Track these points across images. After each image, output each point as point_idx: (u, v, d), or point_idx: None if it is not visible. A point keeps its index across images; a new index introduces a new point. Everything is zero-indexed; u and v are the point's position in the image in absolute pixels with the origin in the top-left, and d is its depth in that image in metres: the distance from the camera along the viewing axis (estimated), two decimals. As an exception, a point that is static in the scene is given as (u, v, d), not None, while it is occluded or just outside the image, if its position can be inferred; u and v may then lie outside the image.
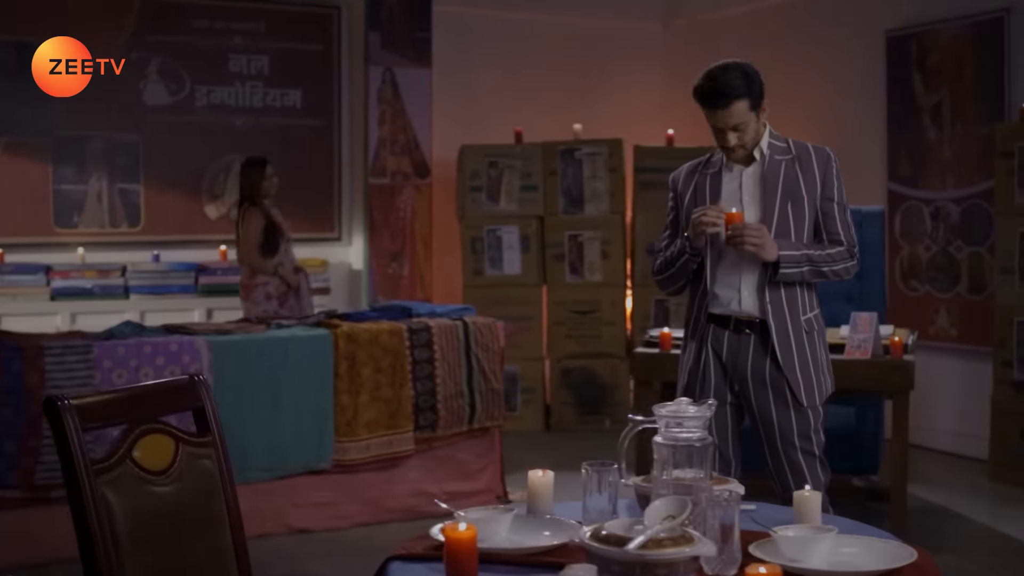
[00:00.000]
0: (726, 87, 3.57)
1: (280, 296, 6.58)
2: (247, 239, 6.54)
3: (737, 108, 3.58)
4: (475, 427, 5.73)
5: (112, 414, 2.59)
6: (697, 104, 3.68)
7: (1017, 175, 6.01)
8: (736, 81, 3.57)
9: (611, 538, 2.09)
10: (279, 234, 6.58)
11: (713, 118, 3.60)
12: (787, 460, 3.69)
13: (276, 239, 6.55)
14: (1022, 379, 6.03)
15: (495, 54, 8.43)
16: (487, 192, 7.69)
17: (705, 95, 3.60)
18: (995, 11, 6.50)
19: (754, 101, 3.61)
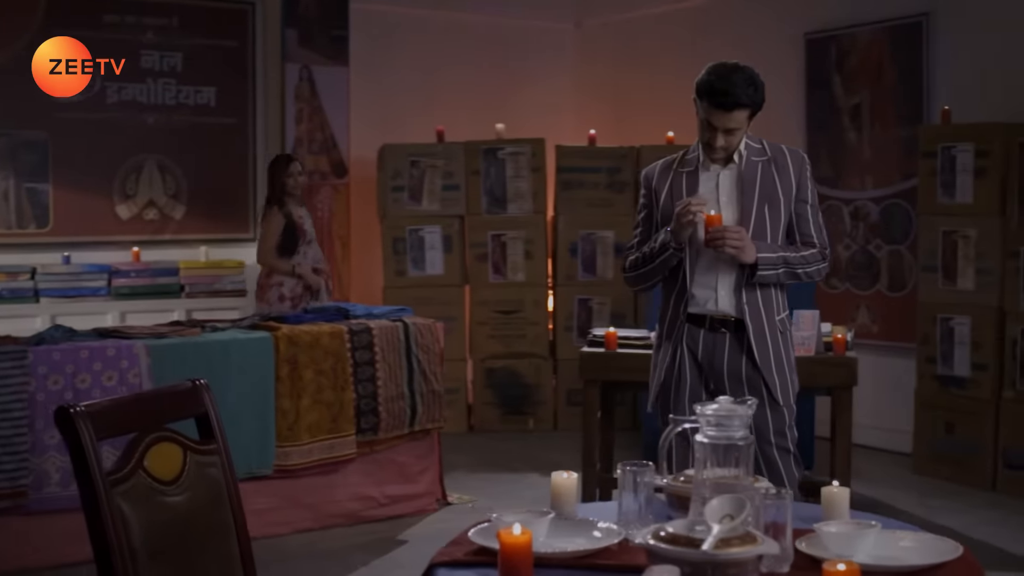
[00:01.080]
0: (738, 93, 3.58)
1: (295, 298, 6.51)
2: (264, 239, 6.56)
3: (739, 115, 3.61)
4: (416, 429, 5.66)
5: (123, 422, 2.48)
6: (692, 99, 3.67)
7: (940, 175, 6.17)
8: (748, 90, 3.59)
9: (679, 539, 2.07)
10: (299, 235, 6.54)
11: (712, 116, 3.61)
12: (763, 457, 3.71)
13: (295, 240, 6.51)
14: (946, 374, 6.19)
15: (413, 52, 8.36)
16: (409, 192, 7.61)
17: (714, 93, 3.59)
18: (914, 15, 6.67)
19: (754, 112, 3.65)
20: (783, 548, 2.18)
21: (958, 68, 6.51)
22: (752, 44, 7.69)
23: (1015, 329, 5.88)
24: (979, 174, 6.01)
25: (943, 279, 6.18)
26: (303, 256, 6.57)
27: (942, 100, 6.50)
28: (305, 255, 6.59)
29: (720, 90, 3.58)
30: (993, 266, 5.97)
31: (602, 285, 7.68)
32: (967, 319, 6.08)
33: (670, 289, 3.78)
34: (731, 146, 3.67)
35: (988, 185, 5.97)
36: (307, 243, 6.61)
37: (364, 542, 5.26)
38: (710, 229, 3.57)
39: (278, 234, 6.50)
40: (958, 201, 6.10)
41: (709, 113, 3.63)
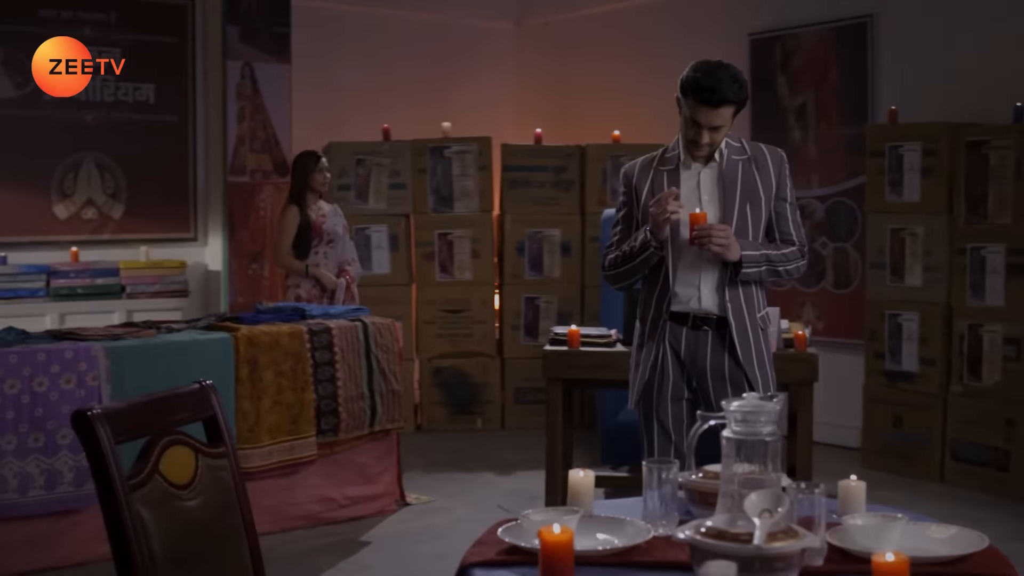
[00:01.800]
0: (724, 89, 3.58)
1: (311, 299, 6.38)
2: (279, 239, 6.46)
3: (725, 112, 3.62)
4: (376, 429, 5.61)
5: (137, 425, 2.41)
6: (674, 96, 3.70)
7: (887, 174, 6.28)
8: (733, 86, 3.60)
9: (725, 534, 2.07)
10: (314, 234, 6.41)
11: (698, 113, 3.61)
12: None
13: (309, 240, 6.38)
14: (894, 369, 6.30)
15: (357, 50, 8.29)
16: (355, 191, 7.54)
17: (701, 90, 3.58)
18: (859, 16, 6.78)
19: (738, 109, 3.67)
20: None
21: (903, 68, 6.63)
22: (696, 44, 7.74)
23: (962, 325, 6.01)
24: (926, 173, 6.13)
25: (891, 276, 6.30)
26: (322, 257, 6.43)
27: (887, 100, 6.61)
28: (325, 255, 6.45)
29: (707, 87, 3.59)
30: (940, 263, 6.09)
31: (549, 283, 7.69)
32: (915, 315, 6.20)
33: (652, 288, 3.78)
34: (716, 143, 3.69)
35: (935, 183, 6.09)
36: (327, 243, 6.46)
37: (326, 544, 5.20)
38: (695, 227, 3.58)
39: (293, 234, 6.38)
40: (906, 199, 6.22)
41: (695, 110, 3.64)
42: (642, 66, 8.07)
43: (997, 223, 5.84)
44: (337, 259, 6.49)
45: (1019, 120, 5.84)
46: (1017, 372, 5.78)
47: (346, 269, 6.53)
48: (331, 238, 6.46)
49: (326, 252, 6.44)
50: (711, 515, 2.42)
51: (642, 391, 3.80)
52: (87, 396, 4.77)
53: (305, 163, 6.46)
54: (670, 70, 7.82)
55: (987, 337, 5.89)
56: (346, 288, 6.47)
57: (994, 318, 5.86)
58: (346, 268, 6.54)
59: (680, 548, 2.30)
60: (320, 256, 6.43)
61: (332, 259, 6.47)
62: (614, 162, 7.63)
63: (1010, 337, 5.80)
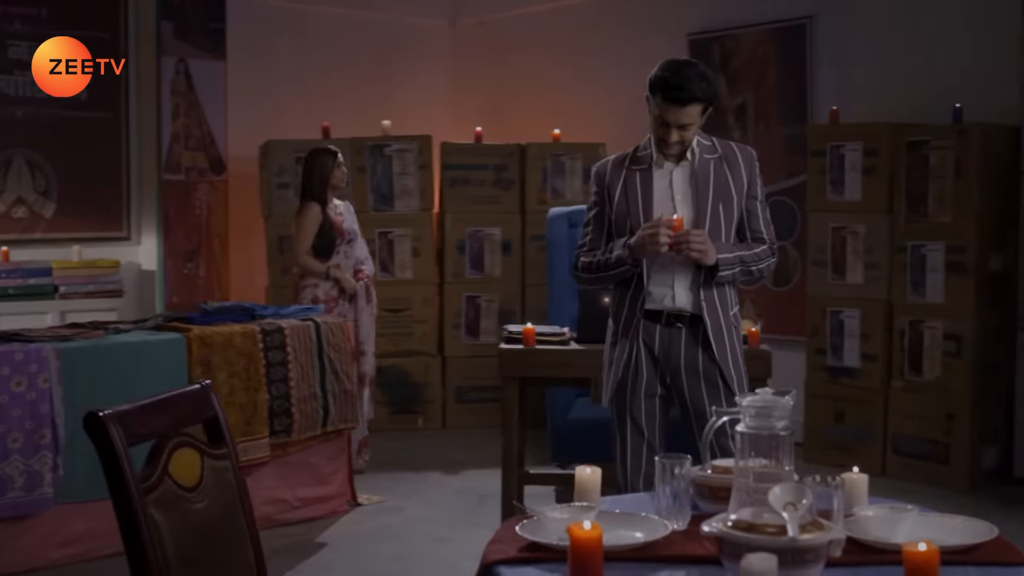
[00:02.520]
0: (692, 88, 3.59)
1: (329, 300, 6.20)
2: (298, 238, 6.21)
3: (693, 110, 3.63)
4: (329, 430, 5.56)
5: (146, 427, 2.37)
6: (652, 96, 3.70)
7: (829, 173, 6.39)
8: (701, 84, 3.61)
9: (755, 527, 2.10)
10: (337, 234, 6.21)
11: (666, 112, 3.63)
12: (719, 448, 3.77)
13: (332, 240, 6.19)
14: (836, 365, 6.42)
15: (293, 47, 8.21)
16: (294, 189, 7.45)
17: (669, 88, 3.60)
18: (798, 18, 6.89)
19: (707, 107, 3.68)
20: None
21: (842, 70, 6.75)
22: (634, 44, 7.82)
23: (903, 321, 6.14)
24: (867, 172, 6.25)
25: (832, 274, 6.41)
26: (343, 257, 6.25)
27: (826, 100, 6.73)
28: (346, 255, 6.27)
29: (675, 85, 3.61)
30: (881, 261, 6.22)
31: (490, 282, 7.69)
32: (856, 312, 6.31)
33: (625, 287, 3.79)
34: (685, 142, 3.71)
35: (876, 183, 6.21)
36: (348, 242, 6.28)
37: (282, 546, 5.13)
38: (673, 234, 3.60)
39: (314, 233, 6.15)
40: (847, 198, 6.33)
41: (663, 109, 3.66)
42: (581, 65, 8.11)
43: (937, 222, 5.98)
44: (356, 259, 6.34)
45: (958, 121, 5.98)
46: (957, 367, 5.92)
47: (361, 269, 6.37)
48: (351, 237, 6.30)
49: (346, 252, 6.28)
50: (721, 509, 2.45)
51: (616, 389, 3.81)
52: (39, 399, 4.66)
53: (323, 159, 6.22)
54: (609, 70, 7.97)
55: (927, 333, 6.03)
56: (366, 290, 6.34)
57: (934, 314, 6.00)
58: (361, 268, 6.38)
59: (699, 542, 2.32)
60: (341, 256, 6.25)
61: (352, 258, 6.32)
62: (554, 161, 7.66)
63: (950, 333, 5.94)
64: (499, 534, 2.41)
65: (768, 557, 1.94)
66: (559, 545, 2.28)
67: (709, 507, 2.54)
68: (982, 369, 5.93)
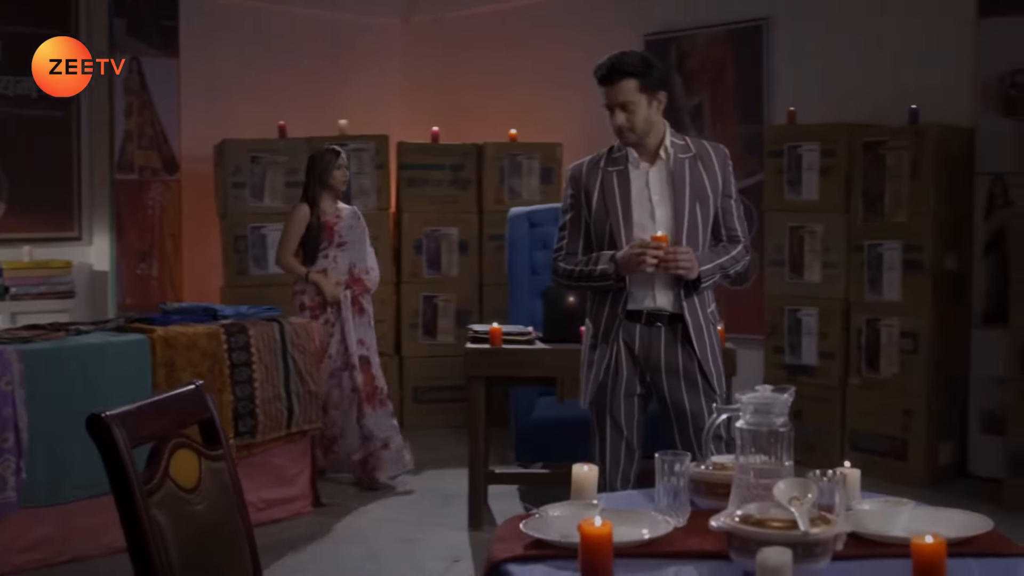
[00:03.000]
0: (619, 64, 3.69)
1: (314, 308, 6.01)
2: (282, 238, 6.09)
3: (626, 86, 3.68)
4: (293, 431, 5.52)
5: (147, 429, 2.34)
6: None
7: (786, 173, 6.47)
8: (631, 60, 3.70)
9: (765, 522, 2.12)
10: (324, 237, 6.02)
11: (605, 96, 3.72)
12: (698, 445, 3.80)
13: (316, 241, 6.00)
14: (794, 363, 6.49)
15: (248, 45, 8.13)
16: (250, 189, 7.40)
17: (599, 69, 3.72)
18: (755, 19, 6.96)
19: (645, 84, 3.71)
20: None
21: (799, 71, 6.82)
22: (590, 43, 7.80)
23: (860, 319, 6.22)
24: (825, 172, 6.32)
25: (790, 273, 6.48)
26: (331, 261, 6.03)
27: (783, 101, 6.80)
28: (335, 260, 6.04)
29: (603, 65, 3.73)
30: (839, 260, 6.30)
31: (447, 282, 7.68)
32: (814, 310, 6.39)
33: (605, 291, 3.80)
34: (635, 125, 3.72)
35: (833, 183, 6.29)
36: (338, 246, 6.06)
37: (249, 549, 5.09)
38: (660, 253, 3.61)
39: (299, 234, 6.00)
40: (804, 198, 6.40)
41: (603, 94, 3.75)
42: (537, 65, 8.13)
43: (894, 221, 6.07)
44: (349, 265, 6.09)
45: (914, 122, 6.07)
46: (914, 364, 6.01)
47: (362, 279, 6.13)
48: (343, 241, 6.06)
49: (336, 256, 6.05)
50: (719, 505, 2.48)
51: (595, 390, 3.82)
52: (1, 402, 4.58)
53: (325, 159, 6.07)
54: (566, 70, 7.98)
55: (884, 331, 6.12)
56: (352, 301, 6.08)
57: (891, 312, 6.09)
58: (362, 277, 6.14)
59: (702, 537, 2.34)
60: (329, 260, 6.04)
61: (343, 264, 6.07)
62: (511, 160, 7.67)
63: (907, 331, 6.04)
64: (502, 532, 2.42)
65: (783, 551, 1.96)
66: (566, 543, 2.29)
67: (707, 503, 2.57)
68: (938, 366, 6.03)
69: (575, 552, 2.24)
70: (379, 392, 6.12)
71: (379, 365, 6.21)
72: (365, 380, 6.05)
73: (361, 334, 6.06)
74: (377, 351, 6.23)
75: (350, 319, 6.01)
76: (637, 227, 3.72)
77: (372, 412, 6.03)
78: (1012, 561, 2.24)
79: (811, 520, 2.12)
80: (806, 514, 2.11)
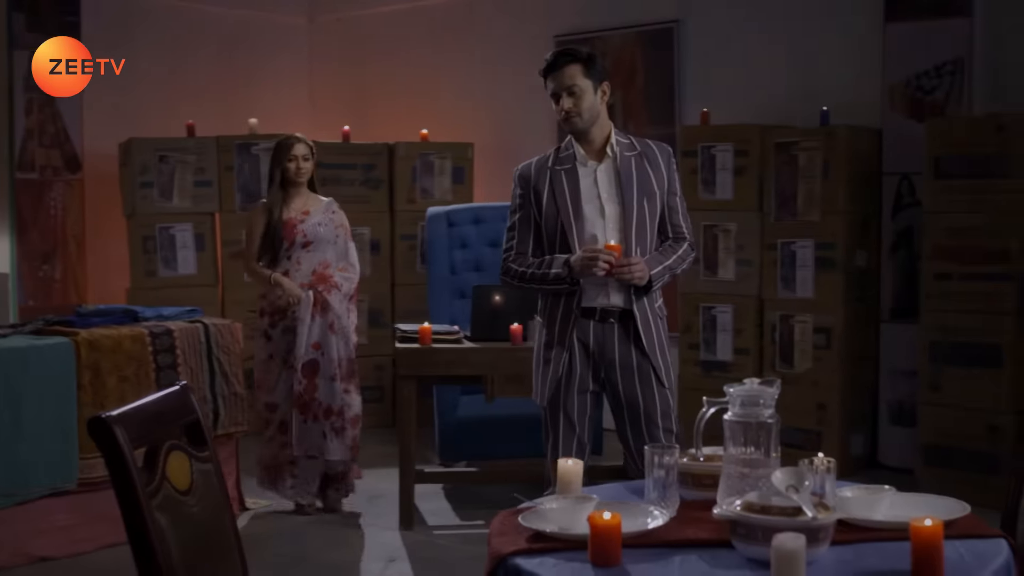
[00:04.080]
0: (564, 51, 3.82)
1: (275, 313, 5.47)
2: (246, 243, 5.57)
3: (571, 70, 3.78)
4: (219, 433, 5.44)
5: (145, 430, 2.30)
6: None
7: (700, 173, 6.59)
8: (575, 48, 3.84)
9: (770, 508, 2.18)
10: (284, 236, 5.41)
11: (550, 85, 3.81)
12: (650, 438, 3.88)
13: (273, 242, 5.41)
14: (709, 359, 6.62)
15: (152, 43, 7.96)
16: (159, 189, 7.26)
17: (544, 63, 3.83)
18: (666, 21, 7.08)
19: (590, 70, 3.80)
20: (831, 514, 2.35)
21: (711, 72, 6.96)
22: (500, 44, 7.89)
23: (773, 315, 6.38)
24: (738, 172, 6.46)
25: (704, 271, 6.60)
26: (293, 264, 5.42)
27: (695, 102, 6.93)
28: (298, 262, 5.43)
29: (547, 57, 3.86)
30: (752, 258, 6.44)
31: (360, 282, 7.62)
32: (729, 307, 6.53)
33: (558, 292, 3.84)
34: (581, 109, 3.79)
35: (747, 182, 6.43)
36: (303, 247, 5.44)
37: (178, 554, 5.01)
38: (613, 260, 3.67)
39: (259, 235, 5.44)
40: (718, 197, 6.53)
41: (549, 86, 3.83)
42: (447, 65, 8.14)
43: (806, 220, 6.23)
44: (316, 264, 5.46)
45: (825, 123, 6.25)
46: (827, 359, 6.19)
47: (326, 274, 5.46)
48: (308, 240, 5.44)
49: (300, 258, 5.43)
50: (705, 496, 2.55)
51: (551, 387, 3.86)
52: (-77, 408, 4.43)
53: (277, 150, 5.49)
54: (477, 70, 8.02)
55: (798, 327, 6.28)
56: (314, 303, 5.41)
57: (805, 309, 6.25)
58: (327, 274, 5.46)
59: (696, 527, 2.40)
60: (292, 263, 5.44)
61: (307, 267, 5.44)
62: (423, 160, 7.67)
63: (820, 326, 6.21)
64: (500, 527, 2.44)
65: (797, 536, 2.02)
66: (567, 534, 2.32)
67: (692, 495, 2.62)
68: (850, 361, 6.22)
69: (577, 543, 2.28)
70: (315, 405, 5.43)
71: (343, 380, 5.46)
72: (306, 388, 5.40)
73: (319, 338, 5.41)
74: (344, 362, 5.47)
75: (306, 321, 5.36)
76: (589, 224, 3.77)
77: (302, 424, 5.42)
78: (993, 542, 2.34)
79: (822, 506, 2.20)
80: (808, 501, 2.18)
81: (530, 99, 7.66)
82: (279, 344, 5.49)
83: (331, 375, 5.42)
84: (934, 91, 6.13)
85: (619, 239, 3.79)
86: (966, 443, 5.64)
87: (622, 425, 3.89)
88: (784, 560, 1.99)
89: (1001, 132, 5.55)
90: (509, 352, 5.25)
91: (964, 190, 5.67)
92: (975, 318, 5.63)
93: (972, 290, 5.65)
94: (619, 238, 3.79)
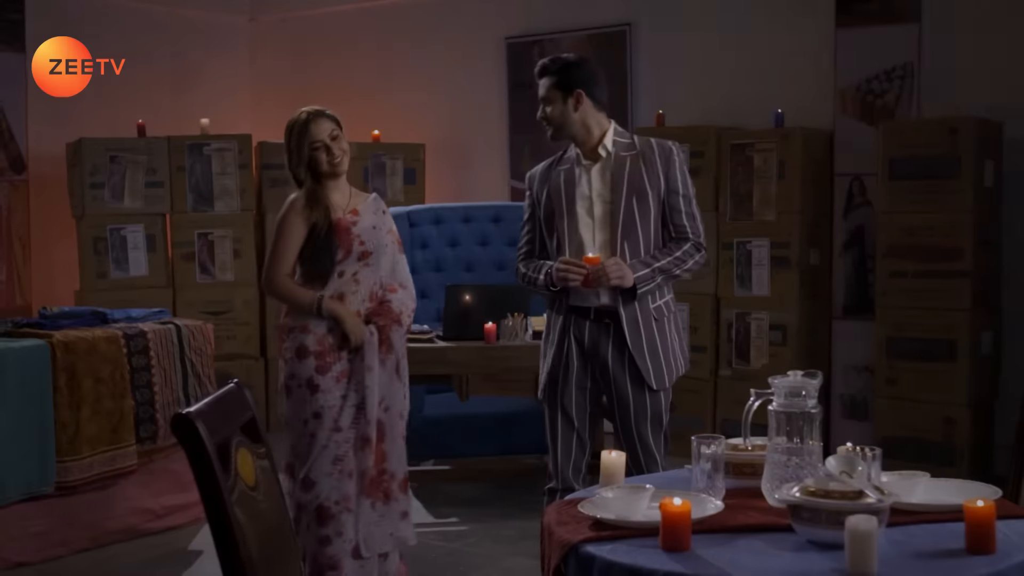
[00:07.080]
0: (543, 64, 4.00)
1: (325, 354, 3.93)
2: (272, 255, 4.02)
3: (544, 83, 3.98)
4: (192, 435, 5.41)
5: (219, 427, 2.33)
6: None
7: (656, 174, 6.71)
8: (551, 61, 3.99)
9: (832, 493, 2.29)
10: (338, 245, 3.91)
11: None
12: (638, 437, 3.97)
13: (327, 254, 3.91)
14: (665, 356, 6.74)
15: (97, 41, 7.81)
16: (109, 189, 7.17)
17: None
18: (618, 24, 7.19)
19: (560, 81, 3.93)
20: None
21: (663, 74, 7.08)
22: (451, 46, 7.94)
23: (730, 313, 6.53)
24: (695, 173, 6.53)
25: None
26: (349, 282, 3.94)
27: (648, 104, 7.05)
28: (356, 280, 3.95)
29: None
30: (709, 257, 6.48)
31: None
32: (685, 305, 6.64)
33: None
34: (550, 118, 3.96)
35: (703, 183, 6.54)
36: (360, 259, 3.96)
37: (157, 556, 4.99)
38: (589, 268, 3.77)
39: (298, 244, 3.94)
40: (675, 197, 6.66)
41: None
42: (397, 67, 8.16)
43: (762, 219, 6.38)
44: (376, 283, 4.00)
45: (780, 125, 6.41)
46: (782, 355, 6.35)
47: (388, 303, 4.00)
48: (367, 250, 3.97)
49: (358, 273, 3.96)
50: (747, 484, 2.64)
51: (547, 382, 3.94)
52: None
53: (291, 137, 4.08)
54: (427, 72, 8.06)
55: (754, 324, 6.44)
56: (380, 341, 3.94)
57: (760, 307, 6.41)
58: (386, 299, 4.01)
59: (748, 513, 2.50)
60: (346, 280, 3.95)
61: (367, 286, 3.99)
62: (375, 161, 7.69)
63: (775, 324, 6.37)
64: (558, 516, 2.50)
65: (869, 519, 2.13)
66: (628, 522, 2.40)
67: (733, 483, 2.72)
68: (805, 357, 6.38)
69: (639, 531, 2.36)
70: (387, 479, 4.04)
71: (401, 435, 4.09)
72: (375, 459, 4.00)
73: (384, 390, 4.01)
74: (405, 414, 4.12)
75: (375, 369, 3.93)
76: (578, 224, 3.87)
77: (370, 509, 3.99)
78: (1029, 523, 2.47)
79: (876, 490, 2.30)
80: (868, 486, 2.29)
81: (481, 100, 7.75)
82: (330, 398, 3.92)
83: (397, 435, 4.08)
84: (884, 94, 6.33)
85: (608, 238, 3.87)
86: (923, 435, 5.84)
87: (615, 424, 3.99)
88: (858, 541, 2.09)
89: (953, 135, 5.75)
90: (484, 351, 5.32)
91: (918, 190, 5.87)
92: (930, 314, 5.83)
93: (926, 287, 5.85)
94: (608, 237, 3.87)
